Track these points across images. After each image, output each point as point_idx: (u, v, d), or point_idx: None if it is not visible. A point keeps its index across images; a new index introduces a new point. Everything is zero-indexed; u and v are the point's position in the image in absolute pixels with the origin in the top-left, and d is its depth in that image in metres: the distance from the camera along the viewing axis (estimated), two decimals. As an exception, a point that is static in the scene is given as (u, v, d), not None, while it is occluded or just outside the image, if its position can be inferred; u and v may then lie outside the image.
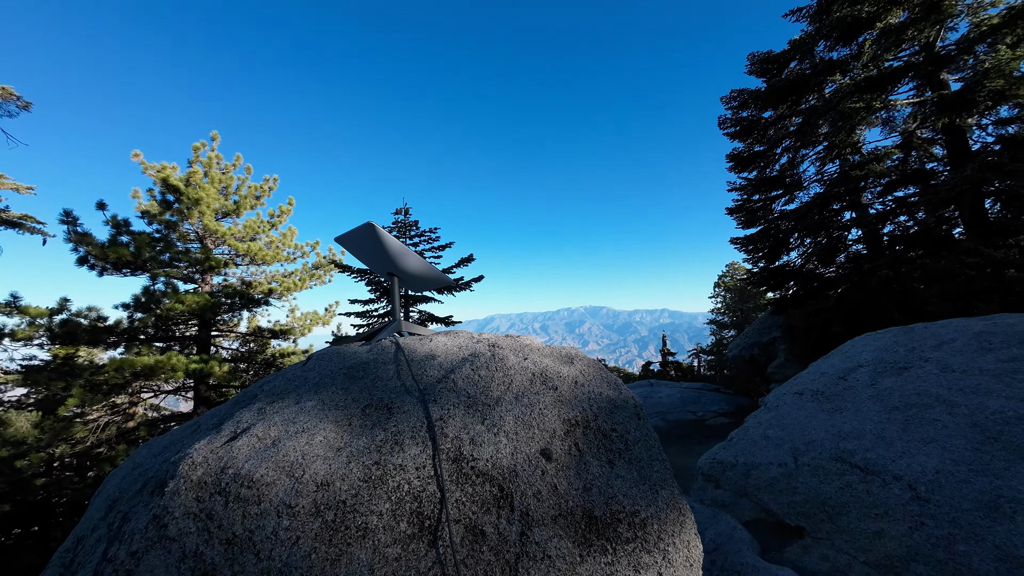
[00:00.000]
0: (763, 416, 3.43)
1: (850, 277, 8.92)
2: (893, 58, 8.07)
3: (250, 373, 11.35)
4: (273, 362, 11.72)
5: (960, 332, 3.07)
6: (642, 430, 1.25)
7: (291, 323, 12.08)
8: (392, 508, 1.00)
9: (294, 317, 12.35)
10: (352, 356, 1.51)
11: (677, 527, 1.09)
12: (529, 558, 0.99)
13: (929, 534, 1.93)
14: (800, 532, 2.43)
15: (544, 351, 1.49)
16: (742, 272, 27.88)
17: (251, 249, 10.28)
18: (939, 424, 2.35)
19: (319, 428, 1.13)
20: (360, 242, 1.97)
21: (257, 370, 11.53)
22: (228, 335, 11.79)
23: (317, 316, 12.34)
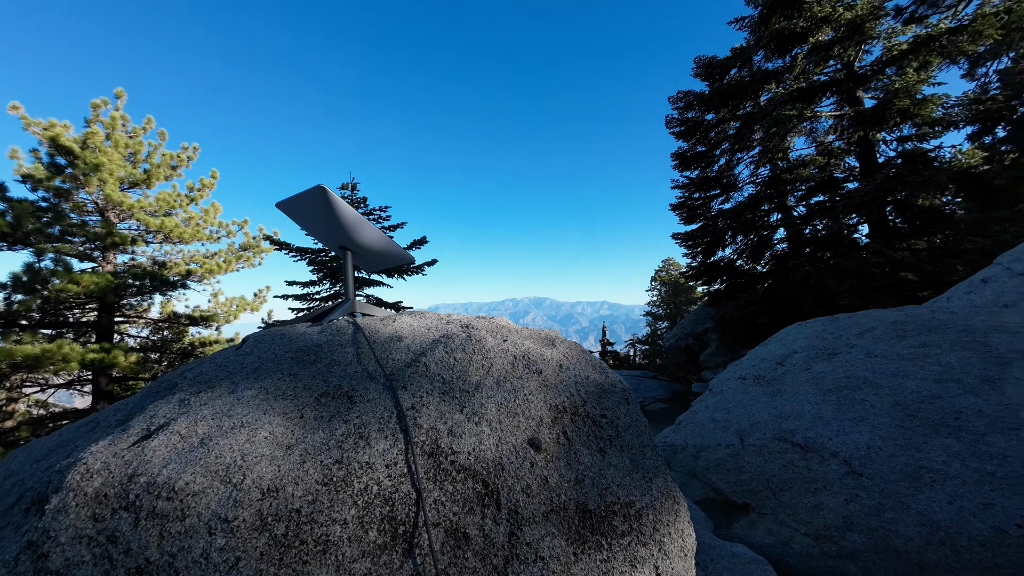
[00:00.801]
0: (709, 400, 3.60)
1: (776, 273, 9.76)
2: (820, 73, 8.84)
3: (163, 364, 10.14)
4: (192, 351, 10.56)
5: (879, 321, 3.40)
6: (632, 415, 1.18)
7: (214, 309, 10.94)
8: (359, 515, 0.83)
9: (217, 302, 11.19)
10: (300, 338, 1.30)
11: (672, 516, 1.03)
12: (520, 561, 0.88)
13: (862, 504, 2.09)
14: (746, 508, 2.55)
15: (523, 333, 1.37)
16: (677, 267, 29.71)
17: (165, 225, 9.11)
18: (867, 404, 2.57)
19: (263, 422, 0.93)
20: (307, 209, 1.71)
21: (172, 360, 10.32)
22: (136, 321, 10.44)
23: (245, 302, 11.29)
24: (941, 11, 8.42)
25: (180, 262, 10.24)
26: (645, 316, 30.81)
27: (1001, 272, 5.14)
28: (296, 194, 1.65)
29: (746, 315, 9.77)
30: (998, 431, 2.13)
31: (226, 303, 11.03)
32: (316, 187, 1.59)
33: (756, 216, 10.44)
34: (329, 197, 1.61)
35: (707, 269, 11.48)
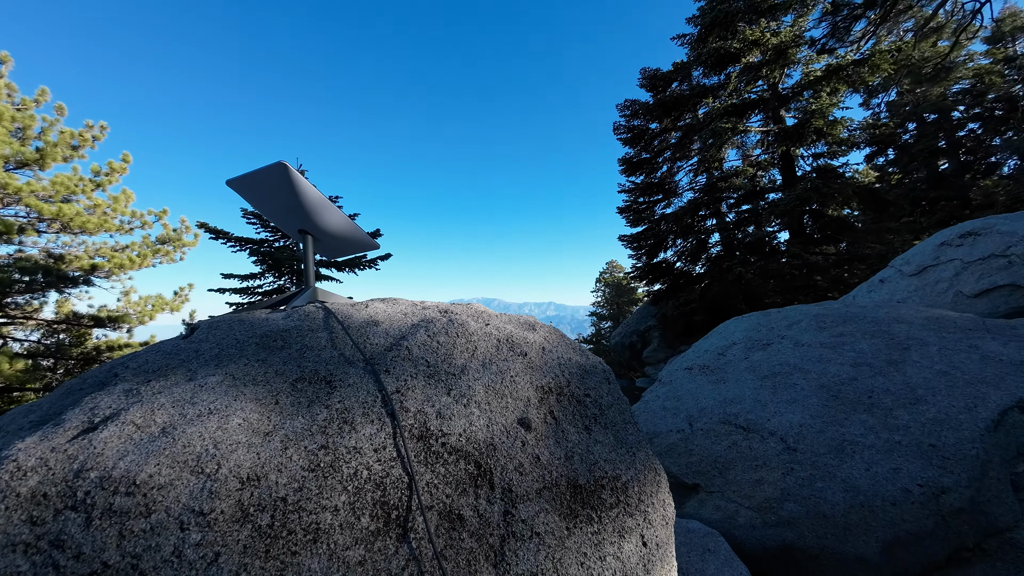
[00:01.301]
0: (660, 390, 3.80)
1: (711, 274, 10.56)
2: (750, 91, 9.71)
3: (59, 371, 8.91)
4: (96, 357, 9.37)
5: (803, 315, 3.78)
6: (613, 394, 1.22)
7: (124, 309, 9.79)
8: (350, 501, 0.78)
9: (128, 301, 10.04)
10: (263, 323, 1.20)
11: (654, 487, 1.08)
12: (516, 538, 0.87)
13: (797, 477, 2.31)
14: (696, 488, 2.73)
15: (503, 318, 1.37)
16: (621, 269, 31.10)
17: (64, 213, 8.02)
18: (798, 387, 2.85)
19: (234, 408, 0.84)
20: (264, 188, 1.59)
21: (71, 367, 9.10)
22: (25, 323, 9.09)
23: (163, 301, 10.22)
24: (847, 44, 9.60)
25: (83, 255, 9.04)
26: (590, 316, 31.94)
27: (894, 274, 5.94)
28: (252, 171, 1.52)
29: (685, 313, 10.46)
30: (901, 406, 2.45)
31: (140, 302, 9.89)
32: (276, 164, 1.47)
33: (694, 221, 11.23)
34: (290, 175, 1.50)
35: (651, 270, 12.15)
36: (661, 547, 1.02)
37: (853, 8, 9.68)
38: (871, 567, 2.03)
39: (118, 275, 9.49)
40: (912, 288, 5.31)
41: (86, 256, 9.08)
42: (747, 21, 9.22)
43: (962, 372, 2.57)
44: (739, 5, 9.89)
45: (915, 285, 5.28)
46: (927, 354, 2.80)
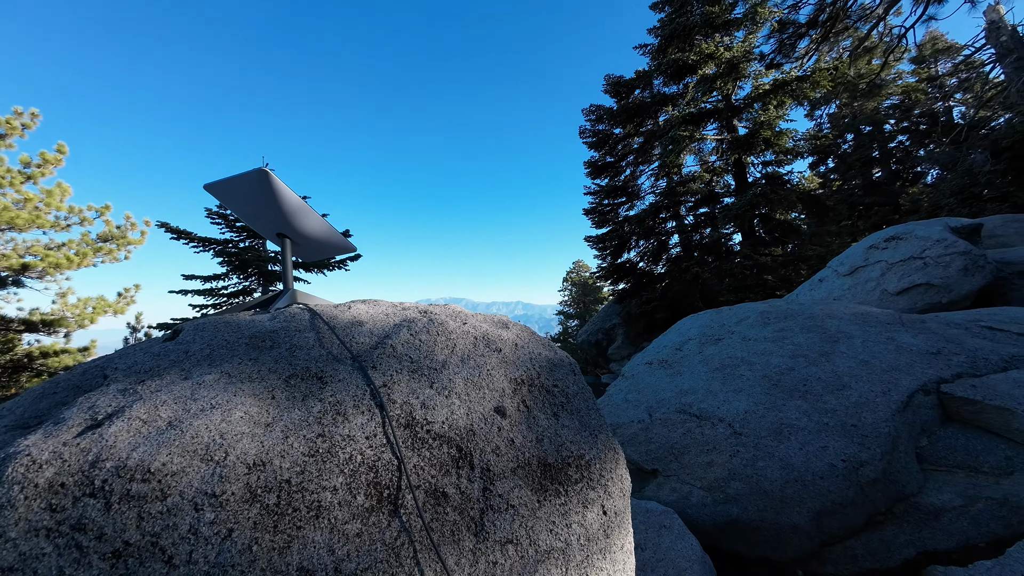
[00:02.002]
0: (622, 384, 4.03)
1: (671, 274, 11.11)
2: (706, 101, 10.30)
3: (-18, 379, 8.23)
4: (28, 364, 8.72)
5: (751, 312, 4.12)
6: (578, 384, 1.36)
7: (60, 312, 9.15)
8: (347, 482, 0.88)
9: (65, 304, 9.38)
10: (250, 325, 1.26)
11: (613, 464, 1.23)
12: (494, 511, 1.00)
13: (742, 458, 2.57)
14: (655, 473, 2.95)
15: (479, 317, 1.48)
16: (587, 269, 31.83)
17: (-12, 207, 7.45)
18: (744, 378, 3.13)
19: (235, 403, 0.92)
20: (243, 193, 1.62)
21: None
22: (-55, 327, 8.35)
23: (105, 303, 9.61)
24: (792, 61, 10.38)
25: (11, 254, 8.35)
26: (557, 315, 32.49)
27: (831, 274, 6.51)
28: (231, 176, 1.56)
29: (647, 311, 10.93)
30: (830, 392, 2.77)
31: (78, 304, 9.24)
32: (257, 170, 1.52)
33: (655, 223, 11.76)
34: (272, 182, 1.55)
35: (615, 270, 12.59)
36: (619, 515, 1.17)
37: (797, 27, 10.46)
38: (803, 534, 2.29)
39: (53, 275, 8.82)
40: (846, 287, 5.85)
41: (15, 255, 8.39)
42: (703, 35, 9.78)
43: (880, 361, 2.93)
44: (696, 19, 10.47)
45: (848, 284, 5.83)
46: (852, 346, 3.15)
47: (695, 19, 10.09)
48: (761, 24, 9.85)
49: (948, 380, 2.70)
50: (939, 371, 2.77)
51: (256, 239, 9.13)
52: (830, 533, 2.29)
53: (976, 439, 2.43)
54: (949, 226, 5.27)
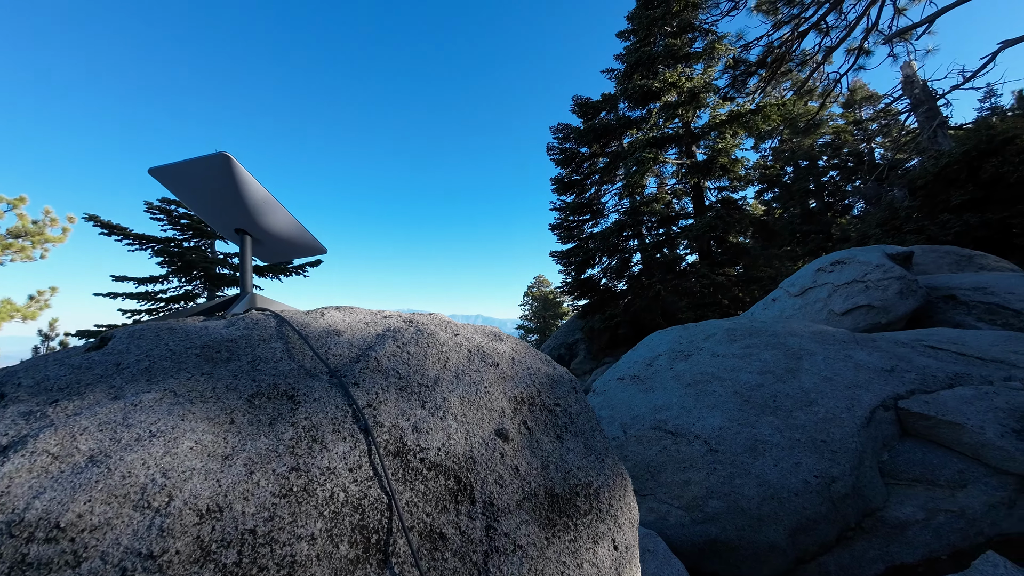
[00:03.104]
0: (594, 400, 3.97)
1: (633, 290, 11.40)
2: (668, 127, 10.84)
3: None
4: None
5: (718, 328, 4.22)
6: (581, 403, 1.25)
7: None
8: (327, 527, 0.71)
9: (-36, 306, 8.25)
10: (203, 332, 1.05)
11: (622, 491, 1.12)
12: (499, 553, 0.86)
13: (719, 476, 2.55)
14: (631, 492, 2.87)
15: (471, 328, 1.35)
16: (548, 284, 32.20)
17: None
18: (716, 394, 3.16)
19: (182, 429, 0.73)
20: (198, 181, 1.41)
21: None
22: None
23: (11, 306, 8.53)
24: (744, 95, 11.18)
25: None
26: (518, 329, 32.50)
27: (783, 294, 6.89)
28: (184, 160, 1.34)
29: (610, 327, 11.10)
30: (799, 408, 2.83)
31: (-20, 307, 8.11)
32: (218, 155, 1.32)
33: (619, 241, 12.08)
34: (234, 169, 1.35)
35: (579, 285, 12.76)
36: (630, 549, 1.06)
37: (748, 65, 11.32)
38: (779, 552, 2.28)
39: (-51, 274, 7.70)
40: (797, 306, 6.20)
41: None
42: (666, 64, 10.35)
43: (841, 378, 3.05)
44: (659, 50, 11.08)
45: (799, 304, 6.18)
46: (815, 363, 3.28)
47: (659, 49, 10.69)
48: (718, 59, 10.59)
49: (904, 396, 2.85)
50: (895, 388, 2.91)
51: (204, 238, 8.37)
52: (805, 550, 2.30)
53: (932, 453, 2.55)
54: (886, 253, 5.73)
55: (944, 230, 9.37)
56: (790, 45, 10.37)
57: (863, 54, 10.40)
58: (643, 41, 11.17)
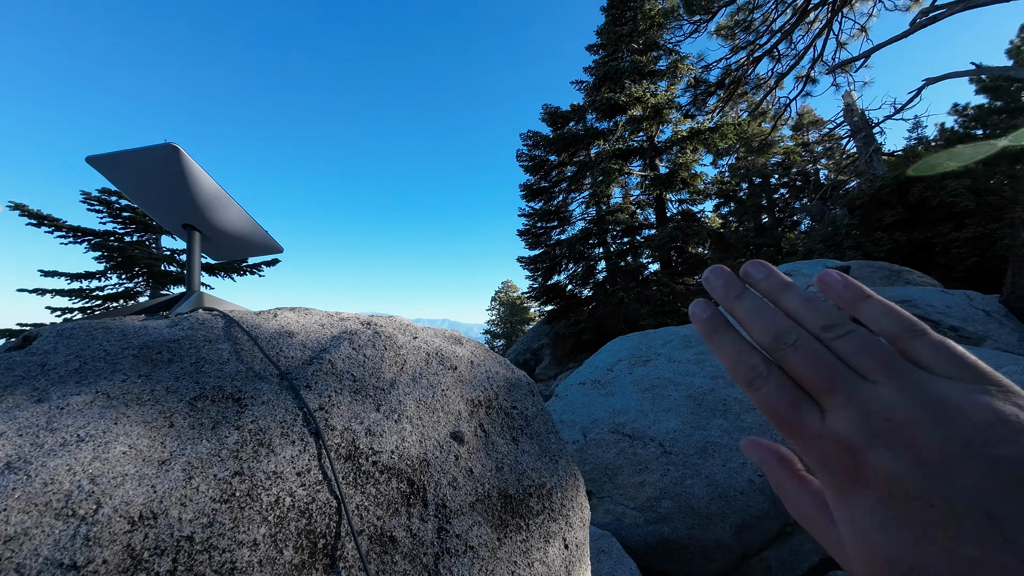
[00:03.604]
0: (556, 404, 4.03)
1: (598, 297, 11.68)
2: (633, 139, 11.24)
3: None
4: None
5: (675, 335, 4.40)
6: (537, 406, 1.28)
7: None
8: (271, 532, 0.70)
9: None
10: (142, 332, 1.00)
11: (574, 491, 1.15)
12: (450, 555, 0.86)
13: (672, 477, 2.65)
14: (589, 495, 2.93)
15: (430, 331, 1.35)
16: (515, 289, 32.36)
17: None
18: (672, 398, 3.29)
19: (115, 433, 0.69)
20: (142, 173, 1.34)
21: None
22: None
23: None
24: (704, 114, 11.80)
25: None
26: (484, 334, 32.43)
27: (736, 303, 7.28)
28: (128, 149, 1.28)
29: (575, 332, 11.30)
30: (746, 410, 3.00)
31: None
32: (166, 145, 1.26)
33: (585, 248, 12.35)
34: (183, 162, 1.30)
35: (546, 291, 12.91)
36: (580, 547, 1.09)
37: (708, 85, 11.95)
38: (726, 549, 2.40)
39: None
40: (748, 315, 6.57)
41: None
42: (633, 79, 10.77)
43: (784, 382, 3.26)
44: (627, 65, 11.52)
45: (750, 313, 6.55)
46: (761, 368, 3.48)
47: (626, 64, 11.11)
48: (680, 78, 11.12)
49: (837, 399, 3.08)
50: (830, 391, 3.15)
51: (148, 233, 7.77)
52: (749, 546, 2.43)
53: (860, 452, 2.78)
54: (827, 267, 6.18)
55: (878, 247, 10.22)
56: (746, 69, 11.04)
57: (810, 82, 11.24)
58: (611, 56, 11.58)
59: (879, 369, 0.25)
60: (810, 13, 9.68)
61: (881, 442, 0.23)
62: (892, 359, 0.25)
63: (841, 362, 0.26)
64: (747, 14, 9.90)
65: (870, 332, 0.28)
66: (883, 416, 0.23)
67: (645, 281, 11.68)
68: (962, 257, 9.34)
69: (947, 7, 6.75)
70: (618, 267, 12.29)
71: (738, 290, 0.33)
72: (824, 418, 0.25)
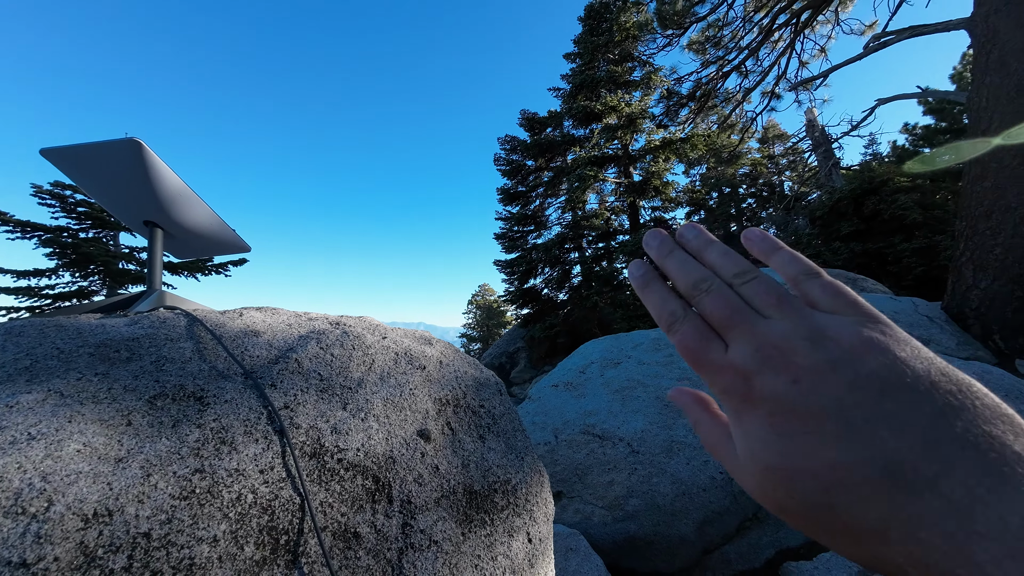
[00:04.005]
0: (529, 407, 4.07)
1: (573, 301, 11.85)
2: (608, 147, 11.51)
3: None
4: None
5: (645, 338, 4.53)
6: (505, 404, 1.31)
7: None
8: (232, 529, 0.70)
9: None
10: (99, 330, 0.98)
11: (538, 487, 1.18)
12: (414, 549, 0.88)
13: (639, 476, 2.73)
14: (560, 495, 2.98)
15: (400, 332, 1.36)
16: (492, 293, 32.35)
17: None
18: (641, 399, 3.38)
19: (68, 432, 0.68)
20: (102, 168, 1.30)
21: None
22: None
23: None
24: (676, 124, 12.23)
25: None
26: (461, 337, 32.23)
27: (704, 308, 7.53)
28: (86, 143, 1.24)
29: (550, 336, 11.40)
30: (710, 411, 3.12)
31: None
32: (128, 140, 1.23)
33: (561, 253, 12.51)
34: (145, 157, 1.27)
35: (522, 294, 12.99)
36: (543, 541, 1.13)
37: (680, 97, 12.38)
38: (689, 544, 2.49)
39: None
40: (715, 320, 6.81)
41: None
42: (608, 89, 11.05)
43: (746, 383, 3.41)
44: (602, 74, 11.82)
45: (717, 317, 6.79)
46: (725, 370, 3.63)
47: (602, 74, 11.40)
48: (654, 89, 11.50)
49: (794, 399, 3.25)
50: (787, 392, 3.32)
51: (106, 229, 7.34)
52: (710, 541, 2.53)
53: (814, 449, 2.94)
54: (788, 274, 6.49)
55: (836, 256, 10.80)
56: (716, 83, 11.49)
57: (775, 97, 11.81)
58: (588, 65, 11.85)
59: (774, 306, 0.29)
60: (775, 33, 10.19)
61: (769, 367, 0.27)
62: (786, 298, 0.30)
63: (745, 303, 0.31)
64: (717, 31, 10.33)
65: (772, 278, 0.33)
66: (772, 345, 0.27)
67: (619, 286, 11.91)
68: (911, 266, 9.99)
69: (896, 34, 7.24)
70: (593, 272, 12.50)
71: (669, 248, 0.38)
72: (727, 351, 0.30)
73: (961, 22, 6.19)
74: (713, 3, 9.98)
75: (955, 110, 17.56)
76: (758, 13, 10.19)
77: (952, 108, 17.62)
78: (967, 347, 5.32)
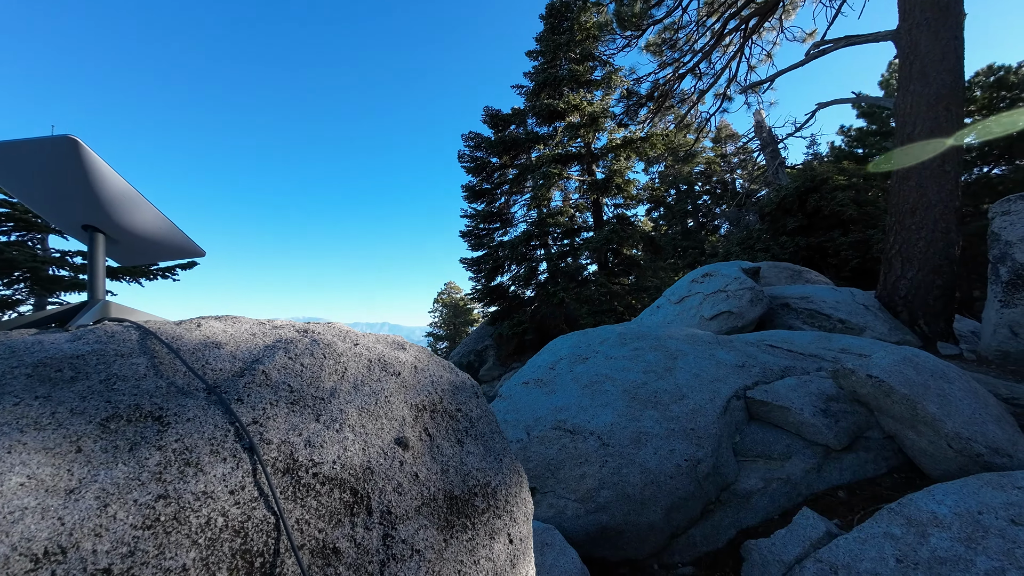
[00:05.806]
0: (500, 405, 4.08)
1: (540, 298, 11.99)
2: (572, 145, 11.70)
3: None
4: None
5: (612, 333, 4.65)
6: (482, 407, 1.31)
7: None
8: (202, 556, 0.66)
9: None
10: (36, 348, 0.89)
11: (517, 488, 1.19)
12: (396, 560, 0.87)
13: (610, 468, 2.81)
14: (533, 491, 3.02)
15: (372, 337, 1.33)
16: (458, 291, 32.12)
17: None
18: (609, 393, 3.48)
19: (8, 464, 0.62)
20: (33, 167, 1.19)
21: None
22: None
23: None
24: (636, 123, 12.60)
25: None
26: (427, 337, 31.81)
27: (665, 302, 7.82)
28: (14, 140, 1.12)
29: (518, 333, 11.48)
30: (674, 402, 3.26)
31: None
32: (62, 137, 1.13)
33: (527, 250, 12.60)
34: (83, 157, 1.17)
35: (489, 292, 12.98)
36: (524, 541, 1.14)
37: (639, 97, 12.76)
38: (657, 530, 2.59)
39: None
40: (676, 313, 7.09)
41: None
42: (570, 87, 11.24)
43: (707, 373, 3.57)
44: (564, 73, 11.99)
45: (678, 311, 7.07)
46: (687, 362, 3.79)
47: (564, 72, 11.57)
48: (615, 89, 11.80)
49: (751, 387, 3.44)
50: (744, 380, 3.51)
51: (31, 231, 6.63)
52: (677, 526, 2.65)
53: (769, 433, 3.13)
54: (742, 267, 6.86)
55: (783, 249, 11.53)
56: (672, 84, 11.92)
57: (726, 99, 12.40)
58: (550, 63, 11.98)
59: None
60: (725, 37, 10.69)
61: None
62: None
63: None
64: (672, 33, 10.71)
65: None
66: None
67: (584, 281, 12.17)
68: (848, 259, 10.82)
69: (833, 42, 7.79)
70: (559, 268, 12.70)
71: None
72: None
73: (888, 34, 6.75)
74: (669, 6, 10.34)
75: (884, 114, 19.13)
76: (711, 18, 10.65)
77: (882, 112, 19.18)
78: (897, 332, 5.84)
